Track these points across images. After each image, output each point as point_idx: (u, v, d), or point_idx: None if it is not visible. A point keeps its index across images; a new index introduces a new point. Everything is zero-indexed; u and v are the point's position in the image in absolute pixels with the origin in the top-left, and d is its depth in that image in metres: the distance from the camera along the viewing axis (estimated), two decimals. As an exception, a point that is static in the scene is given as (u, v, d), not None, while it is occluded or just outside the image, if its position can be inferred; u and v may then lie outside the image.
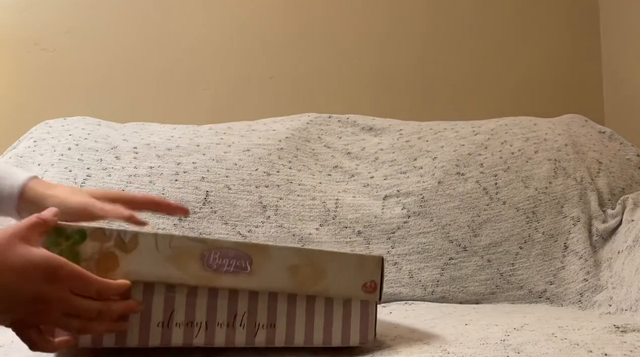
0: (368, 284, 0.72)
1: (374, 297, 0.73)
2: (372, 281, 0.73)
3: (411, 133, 1.35)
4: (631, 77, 1.59)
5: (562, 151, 1.27)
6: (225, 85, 1.64)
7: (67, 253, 0.62)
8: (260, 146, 1.26)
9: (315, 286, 0.70)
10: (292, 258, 0.70)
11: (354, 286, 0.72)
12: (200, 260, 0.66)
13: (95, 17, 1.61)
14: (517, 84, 1.71)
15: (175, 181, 1.17)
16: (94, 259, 0.64)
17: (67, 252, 0.62)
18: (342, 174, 1.26)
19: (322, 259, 0.71)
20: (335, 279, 0.71)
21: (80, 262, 0.62)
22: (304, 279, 0.70)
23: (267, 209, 1.17)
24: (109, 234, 0.64)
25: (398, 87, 1.68)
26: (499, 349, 0.73)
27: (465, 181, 1.22)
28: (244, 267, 0.68)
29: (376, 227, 1.18)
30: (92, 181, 1.16)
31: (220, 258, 0.67)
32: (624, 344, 0.73)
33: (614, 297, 1.04)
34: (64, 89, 1.59)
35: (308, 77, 1.66)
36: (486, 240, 1.17)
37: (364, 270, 0.73)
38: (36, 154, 1.22)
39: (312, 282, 0.70)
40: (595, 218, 1.19)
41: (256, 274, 0.68)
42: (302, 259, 0.70)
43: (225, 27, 1.65)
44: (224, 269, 0.67)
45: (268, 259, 0.69)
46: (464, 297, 1.14)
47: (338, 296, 0.71)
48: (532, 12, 1.72)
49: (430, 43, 1.70)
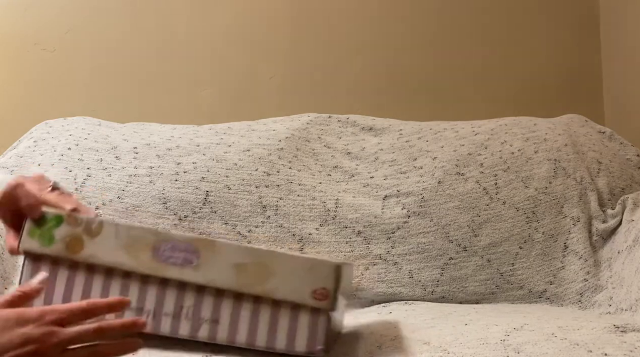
0: (318, 291, 0.68)
1: (326, 305, 0.69)
2: (323, 288, 0.68)
3: (411, 133, 1.35)
4: (631, 77, 1.59)
5: (562, 151, 1.27)
6: (225, 85, 1.64)
7: (44, 236, 0.71)
8: (260, 146, 1.26)
9: (261, 286, 0.70)
10: (240, 256, 0.70)
11: (302, 291, 0.69)
12: (152, 251, 0.71)
13: (95, 17, 1.61)
14: (517, 84, 1.71)
15: (175, 181, 1.17)
16: (64, 241, 0.72)
17: (44, 235, 0.71)
18: (342, 174, 1.26)
19: (272, 260, 0.70)
20: (283, 281, 0.69)
21: (53, 243, 0.71)
22: (250, 278, 0.70)
23: (267, 209, 1.17)
24: (80, 220, 0.72)
25: (398, 87, 1.68)
26: (499, 349, 0.73)
27: (465, 181, 1.22)
28: (191, 260, 0.70)
29: (376, 227, 1.18)
30: (92, 181, 1.16)
31: (170, 250, 0.71)
32: (624, 344, 0.73)
33: (613, 297, 1.04)
34: (64, 89, 1.59)
35: (308, 77, 1.66)
36: (486, 240, 1.17)
37: (314, 276, 0.69)
38: (36, 154, 1.22)
39: (258, 282, 0.70)
40: (595, 218, 1.19)
41: (201, 269, 0.70)
42: (250, 257, 0.70)
43: (225, 27, 1.65)
44: (172, 261, 0.70)
45: (215, 255, 0.70)
46: (464, 297, 1.14)
47: (285, 299, 0.69)
48: (532, 13, 1.72)
49: (430, 43, 1.70)
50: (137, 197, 1.15)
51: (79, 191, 1.15)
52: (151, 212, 1.14)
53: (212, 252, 0.71)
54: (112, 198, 1.15)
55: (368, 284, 1.13)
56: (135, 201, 1.15)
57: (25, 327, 0.60)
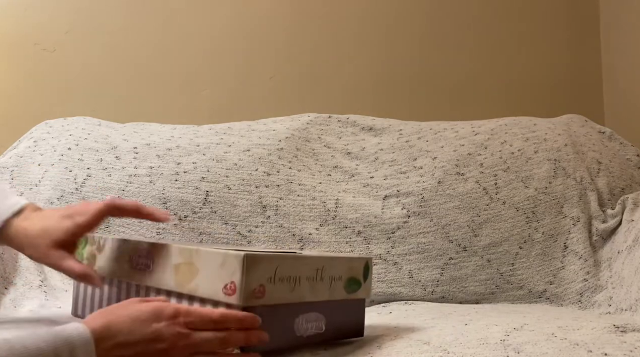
0: (228, 286, 0.66)
1: (235, 300, 0.65)
2: (232, 282, 0.65)
3: (411, 133, 1.35)
4: (631, 77, 1.59)
5: (562, 151, 1.27)
6: (225, 85, 1.64)
7: (79, 256, 0.83)
8: (260, 146, 1.26)
9: (189, 284, 0.69)
10: (176, 257, 0.71)
11: (216, 287, 0.67)
12: (130, 260, 0.77)
13: (95, 17, 1.61)
14: (517, 84, 1.71)
15: (175, 181, 1.17)
16: (88, 258, 0.83)
17: (79, 255, 0.83)
18: (342, 174, 1.26)
19: (197, 258, 0.69)
20: (204, 278, 0.68)
21: (82, 261, 0.83)
22: (182, 277, 0.70)
23: (267, 209, 1.17)
24: (95, 239, 0.83)
25: (398, 87, 1.68)
26: (499, 349, 0.73)
27: (465, 181, 1.23)
28: (149, 265, 0.74)
29: (376, 227, 1.18)
30: (92, 181, 1.16)
31: (139, 258, 0.75)
32: (623, 344, 0.73)
33: (613, 297, 1.04)
34: (64, 89, 1.59)
35: (308, 77, 1.66)
36: (486, 240, 1.17)
37: (226, 270, 0.66)
38: (36, 154, 1.22)
39: (187, 281, 0.70)
40: (595, 218, 1.19)
41: (154, 272, 0.73)
42: (183, 257, 0.70)
43: (225, 27, 1.65)
44: (139, 267, 0.75)
45: (162, 258, 0.73)
46: (463, 297, 1.14)
47: (205, 296, 0.68)
48: (532, 12, 1.72)
49: (430, 43, 1.70)
50: (137, 197, 1.15)
51: (79, 191, 1.15)
52: (151, 212, 1.14)
53: (160, 255, 0.73)
54: (112, 198, 1.15)
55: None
56: (135, 201, 1.15)
57: (160, 323, 0.62)
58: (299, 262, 0.72)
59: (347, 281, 0.78)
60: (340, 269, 0.77)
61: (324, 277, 0.75)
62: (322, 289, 0.75)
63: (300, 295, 0.72)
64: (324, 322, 0.76)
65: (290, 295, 0.70)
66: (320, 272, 0.75)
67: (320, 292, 0.75)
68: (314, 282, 0.74)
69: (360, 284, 0.80)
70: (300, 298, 0.72)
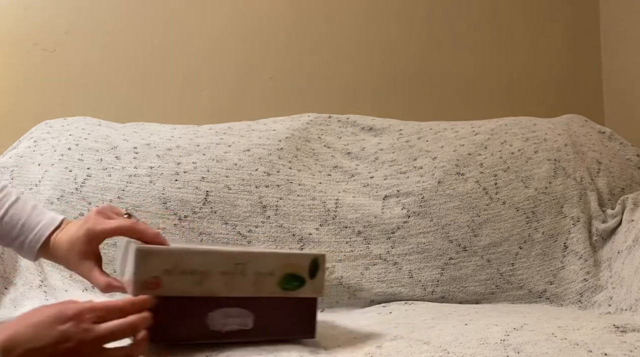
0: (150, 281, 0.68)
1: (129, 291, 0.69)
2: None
3: (411, 133, 1.35)
4: (631, 77, 1.59)
5: (562, 151, 1.27)
6: (225, 85, 1.64)
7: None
8: (260, 146, 1.26)
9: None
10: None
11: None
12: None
13: (95, 17, 1.61)
14: (517, 84, 1.71)
15: (175, 181, 1.17)
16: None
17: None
18: (342, 174, 1.26)
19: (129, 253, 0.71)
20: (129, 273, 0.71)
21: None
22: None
23: (267, 209, 1.17)
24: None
25: (398, 87, 1.68)
26: (499, 349, 0.73)
27: (465, 181, 1.22)
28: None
29: (376, 227, 1.18)
30: (92, 181, 1.16)
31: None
32: (623, 344, 0.73)
33: (613, 297, 1.04)
34: (64, 89, 1.59)
35: (308, 77, 1.66)
36: (486, 240, 1.17)
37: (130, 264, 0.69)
38: (36, 154, 1.22)
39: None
40: (595, 218, 1.19)
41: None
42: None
43: (225, 27, 1.65)
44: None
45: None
46: (463, 297, 1.14)
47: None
48: (532, 12, 1.72)
49: (430, 43, 1.70)
50: (137, 197, 1.15)
51: (79, 190, 1.15)
52: (151, 212, 1.14)
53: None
54: (112, 198, 1.15)
55: (368, 284, 1.13)
56: (135, 200, 1.15)
57: (65, 324, 0.63)
58: (208, 256, 0.71)
59: (283, 278, 0.76)
60: (271, 265, 0.75)
61: (246, 272, 0.73)
62: (243, 285, 0.73)
63: (210, 289, 0.71)
64: (252, 319, 0.74)
65: (196, 288, 0.71)
66: (242, 268, 0.73)
67: (241, 287, 0.73)
68: (231, 277, 0.72)
69: (303, 282, 0.77)
70: (210, 292, 0.71)
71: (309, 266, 0.78)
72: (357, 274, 1.13)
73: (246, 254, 0.74)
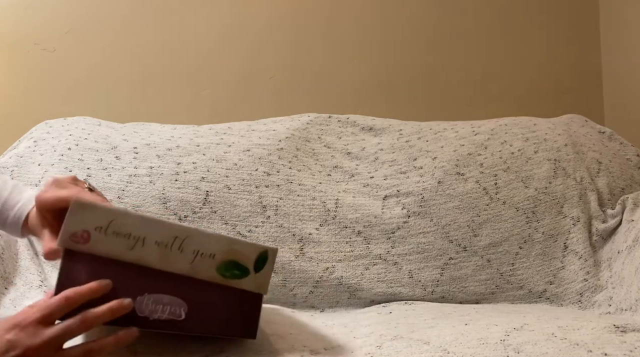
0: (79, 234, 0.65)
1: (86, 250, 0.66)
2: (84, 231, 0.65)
3: (411, 133, 1.35)
4: (631, 77, 1.59)
5: (562, 151, 1.27)
6: (225, 85, 1.64)
7: None
8: (260, 146, 1.26)
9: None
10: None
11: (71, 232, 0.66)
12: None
13: (95, 17, 1.61)
14: (517, 84, 1.71)
15: (175, 181, 1.17)
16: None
17: None
18: (342, 174, 1.27)
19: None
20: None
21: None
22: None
23: (267, 209, 1.17)
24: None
25: (398, 87, 1.68)
26: (499, 349, 0.73)
27: (465, 181, 1.23)
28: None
29: (376, 227, 1.18)
30: (92, 181, 1.16)
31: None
32: (623, 344, 0.73)
33: (613, 297, 1.04)
34: (64, 89, 1.59)
35: (308, 77, 1.66)
36: (486, 240, 1.17)
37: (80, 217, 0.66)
38: (36, 154, 1.22)
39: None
40: (595, 218, 1.19)
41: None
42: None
43: (226, 27, 1.65)
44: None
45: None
46: (463, 297, 1.14)
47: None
48: (532, 13, 1.72)
49: (430, 43, 1.70)
50: (137, 197, 1.15)
51: (79, 191, 1.15)
52: (151, 212, 1.14)
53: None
54: (112, 198, 1.15)
55: (368, 284, 1.13)
56: (135, 200, 1.15)
57: (11, 332, 0.59)
58: (145, 222, 0.68)
59: (224, 263, 0.70)
60: (213, 246, 0.70)
61: (184, 248, 0.69)
62: (178, 261, 0.69)
63: (142, 257, 0.67)
64: (184, 309, 0.69)
65: (126, 253, 0.67)
66: (180, 242, 0.69)
67: (175, 264, 0.69)
68: (167, 250, 0.68)
69: (246, 272, 0.71)
70: (141, 260, 0.67)
71: (256, 258, 0.72)
72: (357, 274, 1.14)
73: (187, 229, 0.69)
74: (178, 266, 0.69)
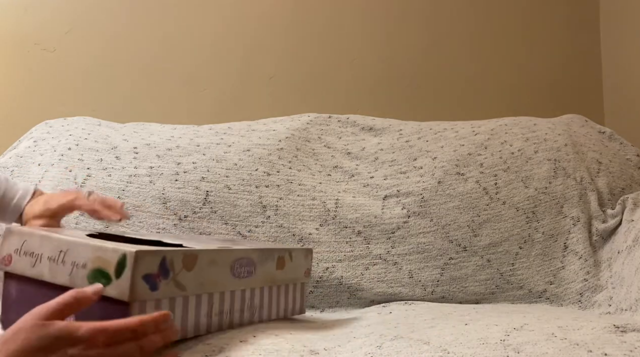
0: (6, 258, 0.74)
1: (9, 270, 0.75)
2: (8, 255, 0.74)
3: (411, 133, 1.35)
4: (631, 77, 1.59)
5: (562, 151, 1.27)
6: (225, 85, 1.64)
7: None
8: (260, 146, 1.26)
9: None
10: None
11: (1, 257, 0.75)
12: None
13: (95, 17, 1.61)
14: (517, 84, 1.71)
15: (175, 181, 1.17)
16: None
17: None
18: (342, 174, 1.27)
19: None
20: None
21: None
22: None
23: (267, 209, 1.17)
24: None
25: (398, 87, 1.68)
26: (499, 349, 0.73)
27: (465, 181, 1.23)
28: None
29: (376, 227, 1.18)
30: (92, 181, 1.16)
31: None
32: (623, 344, 0.73)
33: (613, 297, 1.04)
34: (64, 89, 1.59)
35: (308, 77, 1.66)
36: (486, 240, 1.17)
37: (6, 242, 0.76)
38: (36, 154, 1.22)
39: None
40: (595, 218, 1.19)
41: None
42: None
43: (225, 27, 1.65)
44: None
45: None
46: (463, 297, 1.14)
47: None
48: (532, 12, 1.73)
49: (430, 43, 1.70)
50: (137, 197, 1.15)
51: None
52: (151, 212, 1.14)
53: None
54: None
55: (368, 284, 1.13)
56: (136, 200, 1.15)
57: (75, 347, 0.57)
58: (44, 240, 0.72)
59: (92, 272, 0.68)
60: (85, 256, 0.68)
61: (65, 260, 0.69)
62: (61, 273, 0.69)
63: (39, 272, 0.71)
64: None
65: (30, 270, 0.72)
66: (63, 255, 0.69)
67: (60, 276, 0.69)
68: (54, 264, 0.70)
69: (109, 279, 0.67)
70: (38, 275, 0.71)
71: (116, 263, 0.67)
72: (357, 274, 1.14)
73: (66, 242, 0.70)
74: (62, 278, 0.69)
